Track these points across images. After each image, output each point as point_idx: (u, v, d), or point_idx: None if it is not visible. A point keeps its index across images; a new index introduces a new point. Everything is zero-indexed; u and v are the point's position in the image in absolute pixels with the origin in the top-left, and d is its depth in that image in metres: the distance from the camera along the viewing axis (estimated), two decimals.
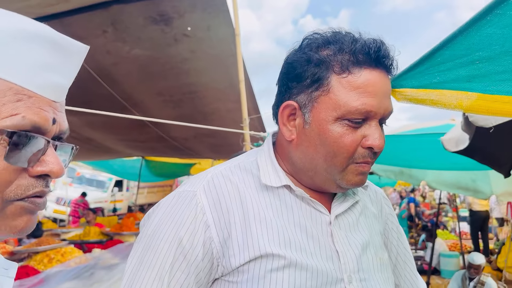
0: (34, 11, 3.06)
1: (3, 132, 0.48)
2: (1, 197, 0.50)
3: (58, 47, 0.54)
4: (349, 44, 0.82)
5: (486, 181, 5.08)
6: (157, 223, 0.84)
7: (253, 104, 4.65)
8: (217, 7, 3.48)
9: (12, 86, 0.50)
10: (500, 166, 2.88)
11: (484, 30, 0.76)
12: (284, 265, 0.80)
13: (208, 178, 0.88)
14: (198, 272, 0.81)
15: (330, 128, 0.82)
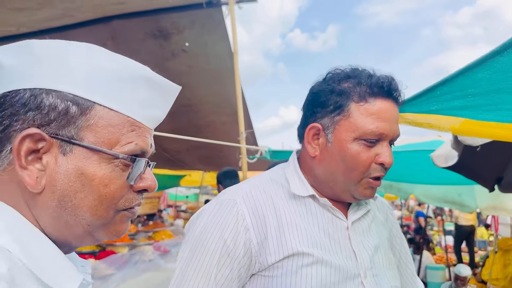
0: (38, 25, 3.14)
1: (124, 157, 0.61)
2: (114, 208, 0.62)
3: (158, 86, 0.66)
4: (366, 78, 1.00)
5: (471, 196, 5.26)
6: (203, 227, 0.99)
7: (247, 118, 4.75)
8: (215, 25, 3.60)
9: (128, 119, 0.62)
10: (485, 181, 3.04)
11: (476, 75, 0.93)
12: (313, 262, 0.95)
13: (246, 189, 1.04)
14: (239, 268, 0.96)
15: (349, 146, 0.99)
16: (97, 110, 0.59)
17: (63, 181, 0.57)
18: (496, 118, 1.13)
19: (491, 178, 2.99)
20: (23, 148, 0.56)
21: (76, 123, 0.58)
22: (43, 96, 0.57)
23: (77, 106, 0.58)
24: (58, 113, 0.57)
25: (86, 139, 0.58)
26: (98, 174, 0.59)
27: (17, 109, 0.57)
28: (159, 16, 3.42)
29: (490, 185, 3.03)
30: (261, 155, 4.20)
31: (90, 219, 0.60)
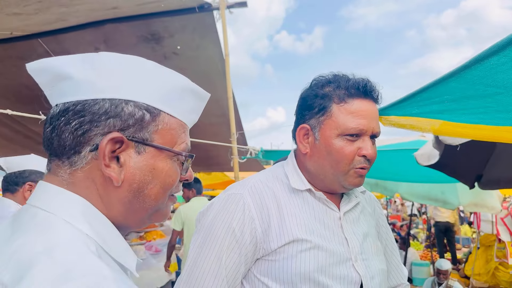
0: (31, 29, 3.17)
1: (186, 154, 0.76)
2: (169, 194, 0.76)
3: (199, 96, 0.80)
4: (344, 82, 1.15)
5: (454, 193, 5.44)
6: (213, 218, 1.12)
7: (238, 119, 4.84)
8: (206, 29, 3.67)
9: (181, 123, 0.76)
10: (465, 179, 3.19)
11: (450, 84, 1.06)
12: (310, 247, 1.09)
13: (251, 184, 1.18)
14: (246, 253, 1.09)
15: (333, 142, 1.13)
16: (163, 117, 0.72)
17: (139, 175, 0.70)
18: (469, 120, 1.27)
19: (471, 176, 3.14)
20: (107, 149, 0.66)
21: (149, 128, 0.70)
22: (123, 105, 0.68)
23: (149, 114, 0.70)
24: (136, 120, 0.69)
25: (155, 140, 0.71)
26: (165, 168, 0.72)
27: (97, 116, 0.66)
28: (151, 20, 3.47)
29: (470, 183, 3.18)
30: (251, 155, 4.30)
31: (154, 204, 0.73)
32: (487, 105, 1.15)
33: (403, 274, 1.40)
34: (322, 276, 1.07)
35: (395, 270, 1.38)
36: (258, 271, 1.11)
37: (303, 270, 1.06)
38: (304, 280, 1.06)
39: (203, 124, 5.25)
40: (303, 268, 1.06)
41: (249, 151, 4.16)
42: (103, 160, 0.66)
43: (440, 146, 2.36)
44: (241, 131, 4.62)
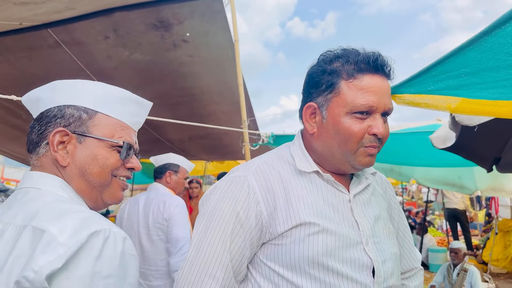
0: (40, 18, 3.17)
1: (117, 142, 1.00)
2: (111, 174, 1.00)
3: (139, 103, 1.07)
4: (353, 57, 1.08)
5: (471, 178, 5.34)
6: (217, 200, 1.09)
7: (249, 106, 4.80)
8: (215, 14, 3.62)
9: (120, 122, 1.02)
10: (483, 162, 3.10)
11: (468, 54, 1.00)
12: (318, 231, 1.04)
13: (255, 166, 1.13)
14: (251, 237, 1.06)
15: (342, 120, 1.07)
16: (99, 116, 1.00)
17: (81, 157, 0.97)
18: (489, 96, 1.19)
19: (489, 159, 3.06)
20: (55, 140, 0.95)
21: (87, 123, 0.98)
22: (66, 109, 0.98)
23: (86, 114, 0.99)
24: (75, 118, 0.98)
25: (93, 133, 0.98)
26: (102, 153, 0.98)
27: (50, 119, 0.97)
28: (160, 7, 3.44)
29: (488, 166, 3.10)
30: (263, 142, 4.26)
31: (98, 181, 0.98)
32: (508, 77, 1.07)
33: (416, 258, 1.35)
34: (331, 260, 1.03)
35: (408, 253, 1.33)
36: (264, 255, 1.08)
37: (311, 254, 1.02)
38: (312, 264, 1.02)
39: (216, 112, 5.25)
40: (311, 252, 1.03)
41: (261, 138, 4.13)
42: (51, 147, 0.96)
43: (457, 127, 2.28)
44: (252, 118, 4.59)
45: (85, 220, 0.83)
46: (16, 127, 5.35)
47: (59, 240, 0.78)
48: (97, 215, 0.87)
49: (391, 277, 1.11)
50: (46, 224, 0.81)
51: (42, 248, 0.78)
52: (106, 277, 0.80)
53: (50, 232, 0.79)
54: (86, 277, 0.77)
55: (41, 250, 0.77)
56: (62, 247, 0.77)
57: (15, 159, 7.09)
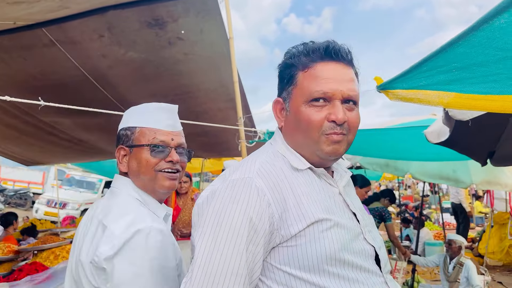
0: (34, 18, 3.16)
1: (152, 146, 1.33)
2: (154, 169, 1.33)
3: (166, 109, 1.39)
4: (307, 48, 1.12)
5: (466, 171, 5.37)
6: (222, 206, 0.99)
7: (245, 103, 4.80)
8: (210, 12, 3.62)
9: (154, 129, 1.35)
10: (477, 156, 3.13)
11: (458, 49, 1.01)
12: (331, 226, 1.03)
13: (258, 166, 1.08)
14: (265, 242, 1.00)
15: (301, 110, 1.09)
16: (138, 129, 1.36)
17: (132, 163, 1.35)
18: (481, 91, 1.20)
19: (483, 153, 3.08)
20: (118, 155, 1.38)
21: (131, 138, 1.36)
22: (120, 132, 1.40)
23: (129, 131, 1.37)
24: (124, 136, 1.38)
25: (135, 142, 1.35)
26: (143, 156, 1.33)
27: (117, 140, 1.41)
28: (154, 5, 3.43)
29: (482, 160, 3.12)
30: (259, 139, 4.27)
31: (146, 176, 1.33)
32: (498, 71, 1.08)
33: None
34: (347, 254, 1.01)
35: None
36: (276, 260, 1.01)
37: (329, 251, 0.99)
38: (331, 261, 0.99)
39: (212, 110, 5.24)
40: (329, 249, 0.99)
41: (257, 135, 4.14)
42: (117, 160, 1.38)
43: (450, 122, 2.30)
44: (248, 115, 4.59)
45: (134, 220, 1.18)
46: (11, 127, 5.33)
47: (115, 234, 1.14)
48: (145, 215, 1.23)
49: (387, 262, 1.16)
50: (109, 222, 1.19)
51: (104, 240, 1.15)
52: (151, 259, 1.14)
53: (110, 228, 1.17)
54: (129, 261, 1.13)
55: (103, 241, 1.15)
56: (115, 240, 1.14)
57: (12, 159, 7.07)
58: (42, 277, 2.89)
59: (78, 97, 4.43)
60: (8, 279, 3.15)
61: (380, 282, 1.07)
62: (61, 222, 9.02)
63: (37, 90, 4.14)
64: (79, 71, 3.98)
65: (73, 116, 5.11)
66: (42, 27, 3.40)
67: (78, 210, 13.17)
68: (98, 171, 10.06)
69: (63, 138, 5.94)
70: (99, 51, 3.85)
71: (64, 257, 3.32)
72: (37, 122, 5.13)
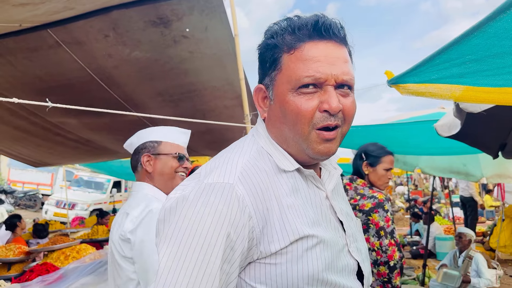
0: (40, 19, 3.17)
1: (175, 156, 1.89)
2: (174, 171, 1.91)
3: (183, 132, 1.98)
4: (293, 25, 0.93)
5: (476, 165, 5.31)
6: (193, 219, 0.82)
7: (251, 101, 4.78)
8: (214, 9, 3.60)
9: (175, 144, 1.90)
10: (488, 149, 3.08)
11: (473, 41, 0.97)
12: (316, 243, 0.89)
13: (239, 169, 0.91)
14: (241, 260, 0.86)
15: (287, 99, 0.91)
16: (163, 143, 1.88)
17: (158, 166, 1.85)
18: (494, 83, 1.17)
19: (494, 145, 3.03)
20: (144, 160, 1.84)
21: (157, 148, 1.86)
22: (146, 143, 1.87)
23: (156, 143, 1.86)
24: (151, 147, 1.86)
25: (161, 152, 1.86)
26: (168, 161, 1.86)
27: (141, 149, 1.87)
28: (158, 3, 3.42)
29: (494, 152, 3.08)
30: None
31: (168, 177, 1.86)
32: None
33: None
34: (330, 274, 0.90)
35: None
36: (251, 277, 0.88)
37: (311, 272, 0.87)
38: (312, 282, 0.88)
39: (218, 108, 5.23)
40: (311, 269, 0.88)
41: None
42: (143, 164, 1.84)
43: (462, 114, 2.26)
44: (255, 112, 4.58)
45: (146, 206, 1.67)
46: (19, 128, 5.36)
47: (134, 216, 1.65)
48: (153, 201, 1.72)
49: (370, 275, 1.05)
50: (130, 210, 1.69)
51: (127, 221, 1.65)
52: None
53: (131, 214, 1.67)
54: (144, 231, 1.61)
55: (126, 222, 1.65)
56: (135, 219, 1.65)
57: (21, 160, 7.12)
58: (53, 277, 2.91)
59: (84, 97, 4.44)
60: (19, 280, 3.17)
61: None
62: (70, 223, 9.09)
63: (44, 91, 4.16)
64: (85, 72, 3.98)
65: (80, 116, 5.13)
66: (47, 28, 3.41)
67: (87, 210, 13.27)
68: (106, 171, 10.11)
69: (70, 139, 5.96)
70: (104, 51, 3.85)
71: (74, 257, 3.34)
72: (44, 122, 5.16)
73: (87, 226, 7.16)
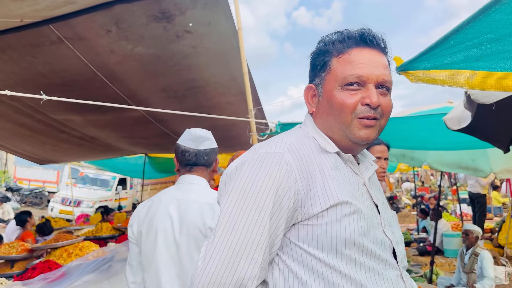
0: (41, 14, 3.13)
1: None
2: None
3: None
4: (342, 35, 1.13)
5: (485, 160, 5.22)
6: (250, 176, 1.01)
7: (255, 96, 4.73)
8: (217, 2, 3.55)
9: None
10: (499, 142, 3.00)
11: (493, 16, 0.91)
12: (353, 211, 1.03)
13: (289, 142, 1.10)
14: (287, 216, 1.01)
15: (334, 94, 1.09)
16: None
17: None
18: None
19: (505, 139, 2.96)
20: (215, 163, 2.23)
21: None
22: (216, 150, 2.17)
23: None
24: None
25: None
26: None
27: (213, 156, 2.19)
28: None
29: (505, 146, 3.00)
30: (271, 131, 4.20)
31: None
32: None
33: None
34: (366, 241, 1.02)
35: None
36: (295, 237, 1.03)
37: (348, 235, 1.00)
38: (349, 245, 1.00)
39: (222, 104, 5.19)
40: (348, 233, 1.00)
41: (269, 128, 4.07)
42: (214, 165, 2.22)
43: (472, 106, 2.19)
44: (259, 107, 4.52)
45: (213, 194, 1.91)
46: (24, 126, 5.35)
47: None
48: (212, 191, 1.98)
49: (404, 258, 1.16)
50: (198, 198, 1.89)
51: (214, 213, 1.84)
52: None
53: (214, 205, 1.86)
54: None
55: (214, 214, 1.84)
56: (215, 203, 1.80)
57: (26, 158, 7.13)
58: (56, 275, 2.88)
59: (88, 93, 4.41)
60: (21, 278, 3.15)
61: (396, 276, 1.08)
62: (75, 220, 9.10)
63: (47, 88, 4.12)
64: (88, 68, 3.94)
65: (84, 113, 5.10)
66: (49, 24, 3.37)
67: (93, 208, 13.30)
68: (112, 169, 10.11)
69: (74, 136, 5.94)
70: (107, 47, 3.81)
71: (77, 255, 3.32)
72: (48, 120, 5.13)
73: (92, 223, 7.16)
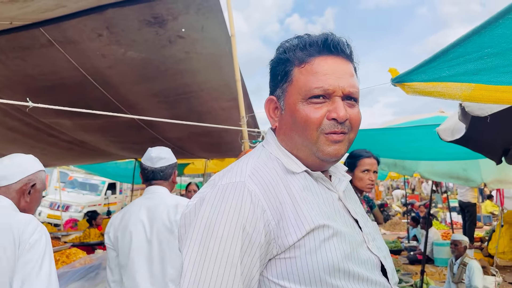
0: (31, 17, 3.07)
1: None
2: None
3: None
4: (303, 41, 1.03)
5: (477, 170, 5.25)
6: (212, 214, 0.89)
7: (248, 102, 4.70)
8: (211, 8, 3.52)
9: None
10: (492, 154, 3.01)
11: (496, 31, 0.88)
12: (332, 234, 0.93)
13: (250, 168, 0.98)
14: (260, 253, 0.89)
15: (298, 108, 1.00)
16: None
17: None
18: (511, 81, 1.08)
19: (498, 150, 2.96)
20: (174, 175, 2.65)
21: None
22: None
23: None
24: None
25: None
26: None
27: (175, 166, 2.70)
28: (153, 2, 3.34)
29: (498, 157, 3.00)
30: (263, 139, 4.17)
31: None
32: None
33: None
34: (352, 264, 0.93)
35: None
36: (273, 274, 0.92)
37: (331, 262, 0.90)
38: (333, 273, 0.90)
39: (214, 109, 5.15)
40: (331, 259, 0.90)
41: (261, 134, 4.04)
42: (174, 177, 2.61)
43: (467, 118, 2.18)
44: (251, 114, 4.50)
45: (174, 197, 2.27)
46: (13, 129, 5.26)
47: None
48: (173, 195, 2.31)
49: (394, 272, 1.07)
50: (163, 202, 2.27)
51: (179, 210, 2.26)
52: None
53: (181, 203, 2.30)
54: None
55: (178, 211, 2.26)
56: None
57: None
58: None
59: (78, 97, 4.34)
60: None
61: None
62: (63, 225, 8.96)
63: (36, 90, 4.06)
64: (79, 72, 3.89)
65: (74, 118, 5.03)
66: (39, 27, 3.31)
67: (81, 212, 13.11)
68: (101, 173, 10.00)
69: (63, 140, 5.86)
70: (98, 50, 3.76)
71: (64, 262, 3.23)
72: (37, 123, 5.06)
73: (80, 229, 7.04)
